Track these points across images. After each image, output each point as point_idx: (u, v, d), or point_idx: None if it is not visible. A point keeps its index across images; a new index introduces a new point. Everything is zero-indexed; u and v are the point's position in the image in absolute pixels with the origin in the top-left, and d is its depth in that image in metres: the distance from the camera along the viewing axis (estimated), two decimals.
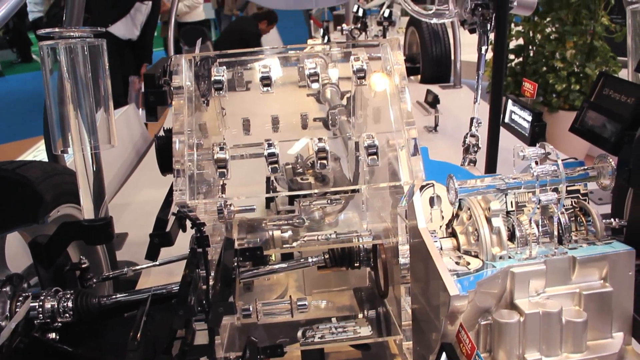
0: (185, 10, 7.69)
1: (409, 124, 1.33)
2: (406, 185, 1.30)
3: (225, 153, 1.31)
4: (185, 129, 1.32)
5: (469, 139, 2.34)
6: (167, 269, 1.96)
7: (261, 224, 1.62)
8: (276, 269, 1.74)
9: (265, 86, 1.42)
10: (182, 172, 1.26)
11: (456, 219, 1.54)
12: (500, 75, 2.39)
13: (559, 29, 5.11)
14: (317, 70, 1.42)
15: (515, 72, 5.48)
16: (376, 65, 1.50)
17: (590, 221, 1.52)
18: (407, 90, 1.40)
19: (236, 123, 1.73)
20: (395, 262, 1.46)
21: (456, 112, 4.21)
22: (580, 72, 5.05)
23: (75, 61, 1.62)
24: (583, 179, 1.52)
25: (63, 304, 1.61)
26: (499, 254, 1.41)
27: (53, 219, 1.82)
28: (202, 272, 1.40)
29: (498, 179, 1.44)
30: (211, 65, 1.49)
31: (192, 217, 1.30)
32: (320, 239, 1.56)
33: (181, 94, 1.38)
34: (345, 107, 1.87)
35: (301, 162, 1.66)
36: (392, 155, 1.38)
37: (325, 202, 1.61)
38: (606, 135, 1.59)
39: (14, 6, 1.44)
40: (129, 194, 3.46)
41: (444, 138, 3.83)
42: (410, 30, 5.74)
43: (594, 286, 1.42)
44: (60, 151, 1.69)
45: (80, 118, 1.65)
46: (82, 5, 2.10)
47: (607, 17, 4.97)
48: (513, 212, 1.51)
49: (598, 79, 1.63)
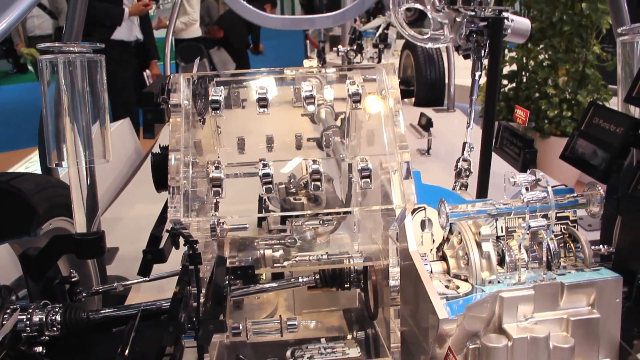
0: (182, 27, 7.73)
1: (402, 147, 1.35)
2: (398, 208, 1.32)
3: (220, 172, 1.32)
4: (182, 146, 1.33)
5: (461, 163, 2.36)
6: (157, 285, 1.96)
7: (253, 243, 1.63)
8: (266, 287, 1.74)
9: (261, 107, 1.44)
10: (177, 189, 1.27)
11: (447, 242, 1.56)
12: (493, 101, 2.42)
13: (551, 56, 5.19)
14: (313, 92, 1.44)
15: (508, 97, 5.55)
16: (371, 87, 1.52)
17: (579, 248, 1.53)
18: (401, 114, 1.42)
19: (231, 141, 1.74)
20: (386, 284, 1.46)
21: (449, 135, 4.24)
22: (572, 99, 5.12)
23: (73, 75, 1.64)
24: (572, 206, 1.54)
25: (51, 317, 1.60)
26: (489, 279, 1.42)
27: (45, 231, 1.82)
28: (193, 289, 1.41)
29: (489, 204, 1.46)
30: (208, 84, 1.51)
31: (186, 234, 1.31)
32: (311, 260, 1.56)
33: (178, 112, 1.40)
34: (339, 128, 1.89)
35: (294, 182, 1.67)
36: (385, 178, 1.40)
37: (317, 222, 1.62)
38: (596, 163, 1.62)
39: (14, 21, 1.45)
40: (121, 208, 3.46)
41: (437, 161, 3.86)
42: (406, 54, 5.79)
43: (581, 312, 1.43)
44: (54, 164, 1.69)
45: (76, 132, 1.66)
46: (82, 20, 2.12)
47: (598, 46, 5.06)
48: (503, 237, 1.52)
49: (588, 108, 1.66)
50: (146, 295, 2.13)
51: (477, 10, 2.44)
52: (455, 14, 2.66)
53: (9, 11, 1.45)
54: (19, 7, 1.47)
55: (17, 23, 1.52)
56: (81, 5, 2.11)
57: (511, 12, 2.89)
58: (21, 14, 1.48)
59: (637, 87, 1.56)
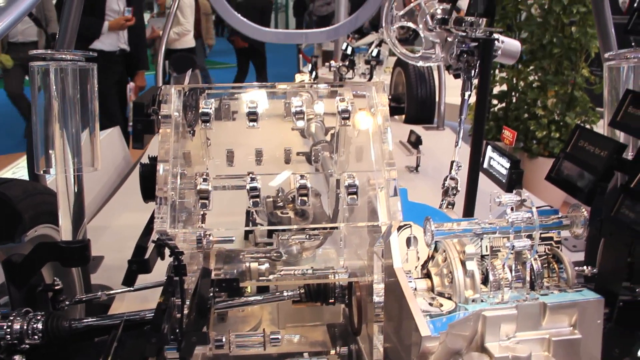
0: (175, 37, 7.74)
1: (389, 164, 1.36)
2: (384, 225, 1.33)
3: (208, 184, 1.33)
4: (171, 157, 1.33)
5: (449, 181, 2.37)
6: (141, 295, 1.95)
7: (239, 256, 1.63)
8: (251, 301, 1.74)
9: (251, 121, 1.45)
10: (165, 200, 1.28)
11: (431, 260, 1.57)
12: (482, 121, 2.45)
13: (541, 77, 5.25)
14: (302, 108, 1.45)
15: (497, 117, 5.60)
16: (362, 103, 1.54)
17: (562, 268, 1.55)
18: (390, 132, 1.43)
19: (220, 153, 1.75)
20: (370, 300, 1.47)
21: (438, 153, 4.26)
22: (560, 121, 5.18)
23: (65, 83, 1.64)
24: (556, 227, 1.55)
25: (32, 325, 1.59)
26: (472, 297, 1.43)
27: (30, 238, 1.81)
28: (177, 300, 1.40)
29: (474, 223, 1.47)
30: (199, 96, 1.52)
31: (171, 245, 1.31)
32: (296, 274, 1.57)
33: (168, 123, 1.40)
34: (328, 143, 1.90)
35: (282, 195, 1.67)
36: (373, 194, 1.41)
37: (304, 237, 1.62)
38: (580, 185, 1.64)
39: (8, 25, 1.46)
40: (108, 217, 3.44)
41: (425, 179, 3.87)
42: (397, 71, 5.84)
43: (563, 333, 1.44)
44: (42, 171, 1.69)
45: (65, 139, 1.66)
46: (75, 29, 2.12)
47: (587, 69, 5.12)
48: (487, 257, 1.53)
49: (574, 131, 1.68)
50: (130, 305, 2.12)
51: (468, 31, 2.47)
52: (447, 34, 2.69)
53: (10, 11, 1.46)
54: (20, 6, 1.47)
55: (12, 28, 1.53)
56: (75, 14, 2.12)
57: None
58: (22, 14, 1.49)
59: (621, 111, 1.59)
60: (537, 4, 5.22)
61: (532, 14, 5.31)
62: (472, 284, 1.44)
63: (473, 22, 2.46)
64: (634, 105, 1.57)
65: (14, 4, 1.47)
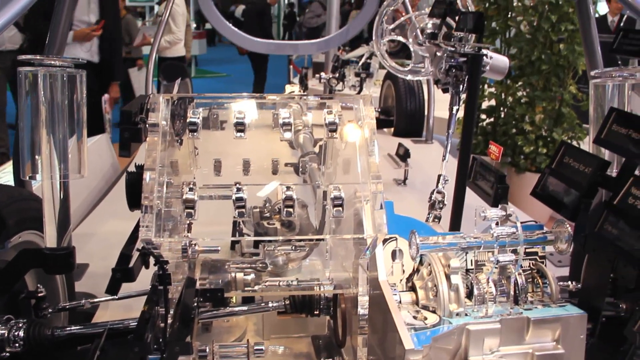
0: (166, 46, 7.73)
1: (375, 177, 1.37)
2: (369, 238, 1.33)
3: (194, 194, 1.33)
4: (157, 165, 1.33)
5: (435, 195, 2.39)
6: (125, 304, 1.94)
7: (224, 266, 1.63)
8: (236, 311, 1.73)
9: (238, 132, 1.45)
10: (150, 209, 1.27)
11: (416, 273, 1.57)
12: (469, 135, 2.47)
13: (529, 93, 5.30)
14: (290, 120, 1.46)
15: (486, 131, 5.64)
16: (350, 115, 1.54)
17: (546, 283, 1.56)
18: (376, 144, 1.44)
19: (208, 162, 1.75)
20: (355, 313, 1.47)
21: (426, 166, 4.28)
22: (547, 136, 5.23)
23: (53, 89, 1.64)
24: (541, 242, 1.56)
25: (14, 332, 1.57)
26: (456, 311, 1.43)
27: (14, 244, 1.79)
28: (161, 309, 1.40)
29: (459, 237, 1.48)
30: (187, 105, 1.52)
31: (156, 254, 1.31)
32: (281, 285, 1.57)
33: (156, 132, 1.40)
34: (317, 155, 1.91)
35: (269, 206, 1.67)
36: (359, 207, 1.41)
37: (290, 248, 1.62)
38: (565, 201, 1.65)
39: None
40: (94, 224, 3.42)
41: (413, 192, 3.89)
42: (387, 84, 5.87)
43: (546, 347, 1.45)
44: (28, 177, 1.68)
45: (52, 145, 1.65)
46: (65, 35, 2.12)
47: (574, 86, 5.19)
48: (472, 271, 1.54)
49: (559, 147, 1.70)
50: (114, 314, 2.11)
51: (457, 46, 2.50)
52: (436, 49, 2.72)
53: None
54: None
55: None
56: (65, 21, 2.12)
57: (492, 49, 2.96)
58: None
59: (606, 129, 1.61)
60: (526, 20, 5.29)
61: (521, 30, 5.38)
62: (457, 297, 1.44)
63: (462, 37, 2.48)
64: (618, 123, 1.59)
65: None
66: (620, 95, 1.92)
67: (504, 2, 5.33)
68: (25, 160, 1.65)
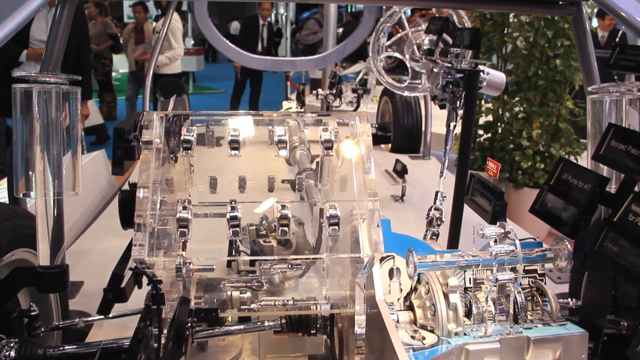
0: (165, 62, 7.73)
1: (371, 195, 1.36)
2: (366, 257, 1.31)
3: (188, 213, 1.31)
4: (151, 183, 1.32)
5: (433, 212, 2.37)
6: (120, 323, 1.92)
7: (220, 284, 1.61)
8: (232, 330, 1.71)
9: (233, 149, 1.44)
10: (143, 227, 1.25)
11: (414, 292, 1.55)
12: (466, 151, 2.46)
13: (526, 108, 5.31)
14: (285, 137, 1.45)
15: (483, 147, 5.64)
16: (347, 131, 1.53)
17: (546, 301, 1.54)
18: (373, 161, 1.42)
19: (204, 179, 1.73)
20: (352, 332, 1.45)
21: (424, 183, 4.27)
22: (545, 152, 5.23)
23: (48, 105, 1.63)
24: (540, 260, 1.55)
25: (5, 352, 1.55)
26: (455, 330, 1.41)
27: (6, 262, 1.77)
28: (155, 330, 1.37)
29: (457, 256, 1.46)
30: (183, 122, 1.51)
31: (149, 273, 1.29)
32: (277, 305, 1.54)
33: (150, 149, 1.39)
34: (314, 172, 1.90)
35: (266, 223, 1.66)
36: (356, 224, 1.40)
37: (286, 266, 1.60)
38: (564, 218, 1.63)
39: None
40: (90, 241, 3.39)
41: (410, 208, 3.87)
42: (384, 100, 5.87)
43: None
44: (22, 194, 1.66)
45: (46, 162, 1.64)
46: (62, 52, 2.11)
47: (571, 101, 5.19)
48: (471, 289, 1.52)
49: (557, 163, 1.69)
50: (108, 333, 2.08)
51: (454, 62, 2.50)
52: (433, 65, 2.72)
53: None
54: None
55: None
56: (61, 37, 2.11)
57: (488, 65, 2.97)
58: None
59: (604, 145, 1.60)
60: (523, 36, 5.31)
61: (517, 46, 5.40)
62: (455, 317, 1.42)
63: (459, 53, 2.48)
64: (617, 139, 1.58)
65: None
66: (617, 111, 1.91)
67: (500, 19, 5.36)
68: (19, 177, 1.63)
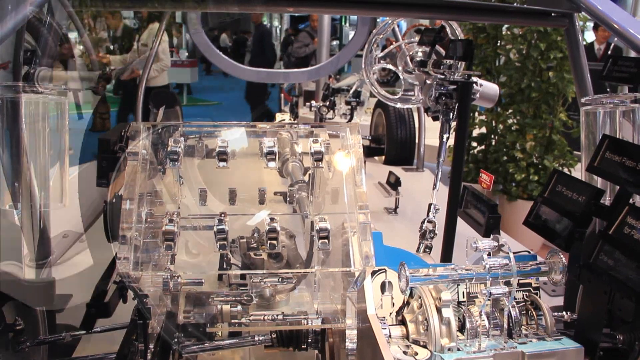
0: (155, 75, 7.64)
1: (362, 207, 1.33)
2: (357, 271, 1.29)
3: (174, 225, 1.28)
4: (136, 195, 1.29)
5: (426, 224, 2.35)
6: (109, 337, 1.88)
7: (209, 298, 1.57)
8: (222, 344, 1.67)
9: (221, 161, 1.41)
10: (128, 240, 1.23)
11: (407, 306, 1.52)
12: (460, 164, 2.44)
13: (520, 121, 5.31)
14: (274, 149, 1.43)
15: (477, 159, 5.63)
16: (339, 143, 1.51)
17: (540, 315, 1.52)
18: (364, 174, 1.40)
19: (194, 191, 1.70)
20: (343, 347, 1.42)
21: (417, 195, 4.26)
22: (538, 164, 5.23)
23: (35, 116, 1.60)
24: (534, 274, 1.53)
25: None
26: (448, 346, 1.38)
27: None
28: (140, 345, 1.34)
29: (450, 269, 1.44)
30: (172, 133, 1.48)
31: (135, 287, 1.26)
32: (267, 319, 1.51)
33: (135, 160, 1.36)
34: (306, 184, 1.87)
35: (257, 236, 1.63)
36: (348, 237, 1.37)
37: (277, 280, 1.57)
38: (558, 230, 1.62)
39: None
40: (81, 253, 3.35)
41: (403, 220, 3.85)
42: (378, 112, 5.87)
43: None
44: (7, 206, 1.63)
45: (32, 173, 1.61)
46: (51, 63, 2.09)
47: (565, 113, 5.20)
48: (464, 303, 1.50)
49: (551, 175, 1.67)
50: (96, 347, 2.04)
51: (447, 74, 2.49)
52: (426, 77, 2.71)
53: None
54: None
55: None
56: None
57: None
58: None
59: (598, 157, 1.58)
60: (516, 48, 5.33)
61: (510, 58, 5.41)
62: (448, 331, 1.39)
63: (451, 65, 2.47)
64: (612, 150, 1.56)
65: None
66: (611, 122, 1.90)
67: (493, 31, 5.38)
68: (3, 188, 1.60)
